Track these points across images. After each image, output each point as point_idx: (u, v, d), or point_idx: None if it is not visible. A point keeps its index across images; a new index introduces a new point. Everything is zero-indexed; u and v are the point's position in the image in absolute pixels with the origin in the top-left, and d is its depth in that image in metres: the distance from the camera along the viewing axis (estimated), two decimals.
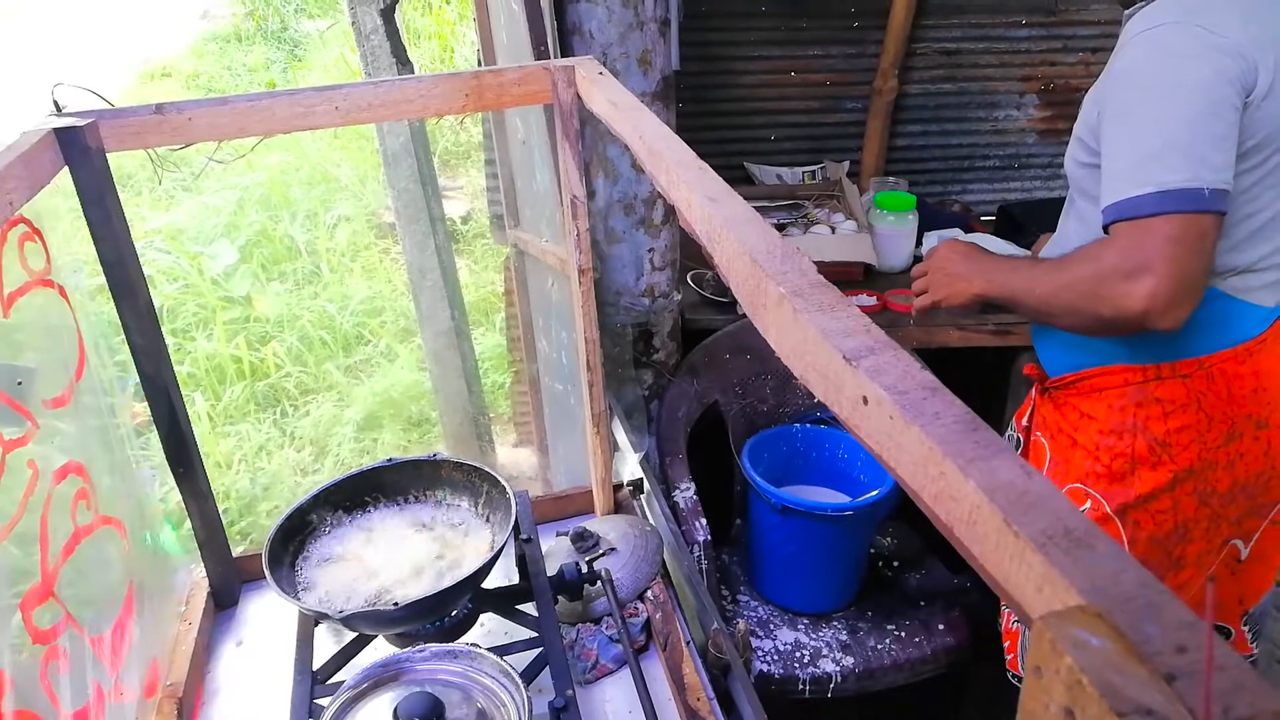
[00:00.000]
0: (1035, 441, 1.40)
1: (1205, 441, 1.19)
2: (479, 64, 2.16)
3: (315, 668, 1.03)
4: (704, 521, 1.64)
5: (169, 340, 1.09)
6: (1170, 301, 1.00)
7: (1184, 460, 1.20)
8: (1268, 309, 1.17)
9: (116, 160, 0.98)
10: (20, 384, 0.83)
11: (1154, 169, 1.00)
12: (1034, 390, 1.41)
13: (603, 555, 1.20)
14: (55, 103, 0.96)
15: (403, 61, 2.20)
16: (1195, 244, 1.00)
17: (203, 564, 1.21)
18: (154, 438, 1.13)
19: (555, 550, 1.26)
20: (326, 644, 1.10)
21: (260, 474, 3.06)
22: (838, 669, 1.66)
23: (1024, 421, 1.44)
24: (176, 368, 1.11)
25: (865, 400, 0.44)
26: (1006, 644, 1.50)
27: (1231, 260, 1.12)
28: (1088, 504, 1.27)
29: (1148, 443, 1.21)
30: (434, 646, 0.96)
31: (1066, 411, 1.31)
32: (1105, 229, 1.06)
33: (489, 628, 1.16)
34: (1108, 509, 1.25)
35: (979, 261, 1.25)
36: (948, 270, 1.27)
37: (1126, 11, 1.17)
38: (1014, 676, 1.48)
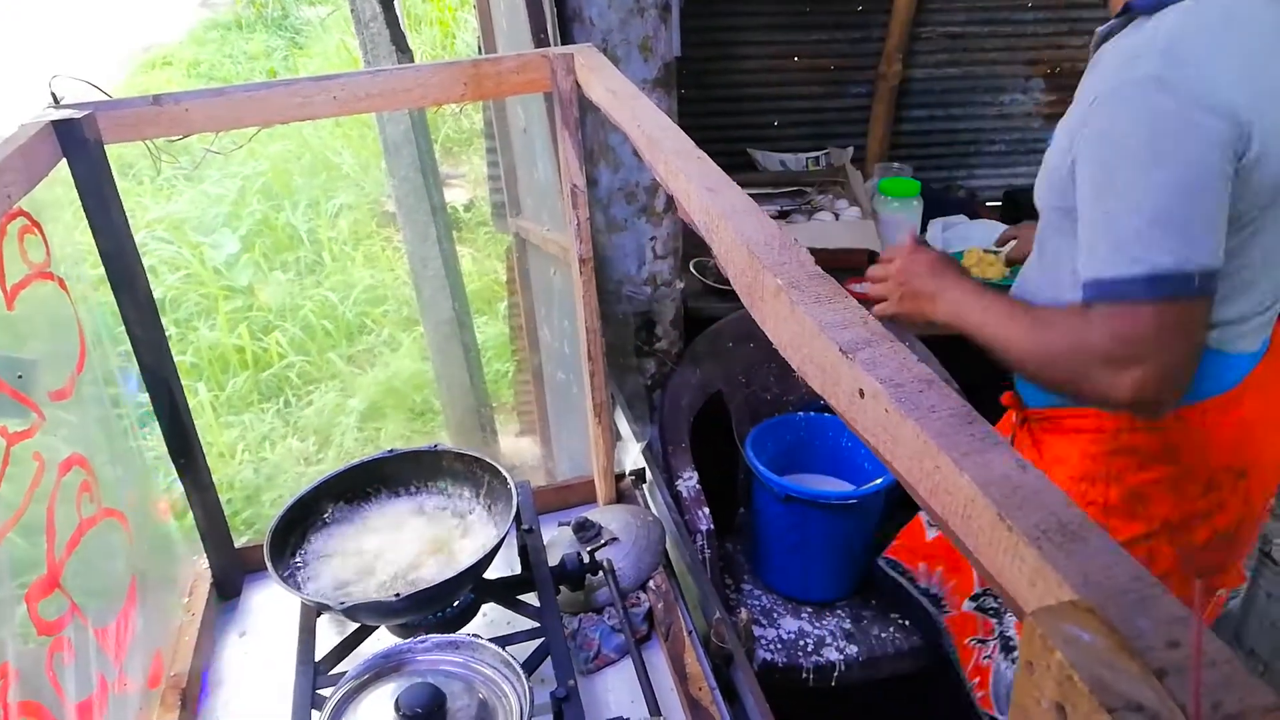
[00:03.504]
0: None
1: (1182, 493, 1.12)
2: (479, 51, 2.15)
3: (318, 658, 1.04)
4: (707, 511, 1.64)
5: (172, 330, 1.10)
6: (1159, 392, 0.94)
7: (1160, 513, 1.14)
8: (1248, 354, 1.10)
9: (117, 150, 0.98)
10: (20, 377, 0.83)
11: (1142, 249, 0.91)
12: (1012, 416, 1.30)
13: (605, 545, 1.20)
14: (53, 95, 0.96)
15: (402, 49, 2.19)
16: (1187, 332, 0.93)
17: (205, 555, 1.22)
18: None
19: (557, 540, 1.26)
20: (329, 635, 1.10)
21: (264, 464, 3.07)
22: (841, 658, 1.66)
23: None
24: (179, 358, 1.12)
25: (861, 393, 0.44)
26: (975, 682, 1.41)
27: (1215, 315, 1.01)
28: None
29: (1121, 493, 1.14)
30: (436, 637, 0.96)
31: (1042, 449, 1.23)
32: (1086, 302, 0.97)
33: (491, 618, 1.16)
34: None
35: (947, 285, 1.13)
36: (912, 286, 1.17)
37: (1100, 30, 1.05)
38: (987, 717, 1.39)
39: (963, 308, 1.10)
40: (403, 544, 1.11)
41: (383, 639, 1.09)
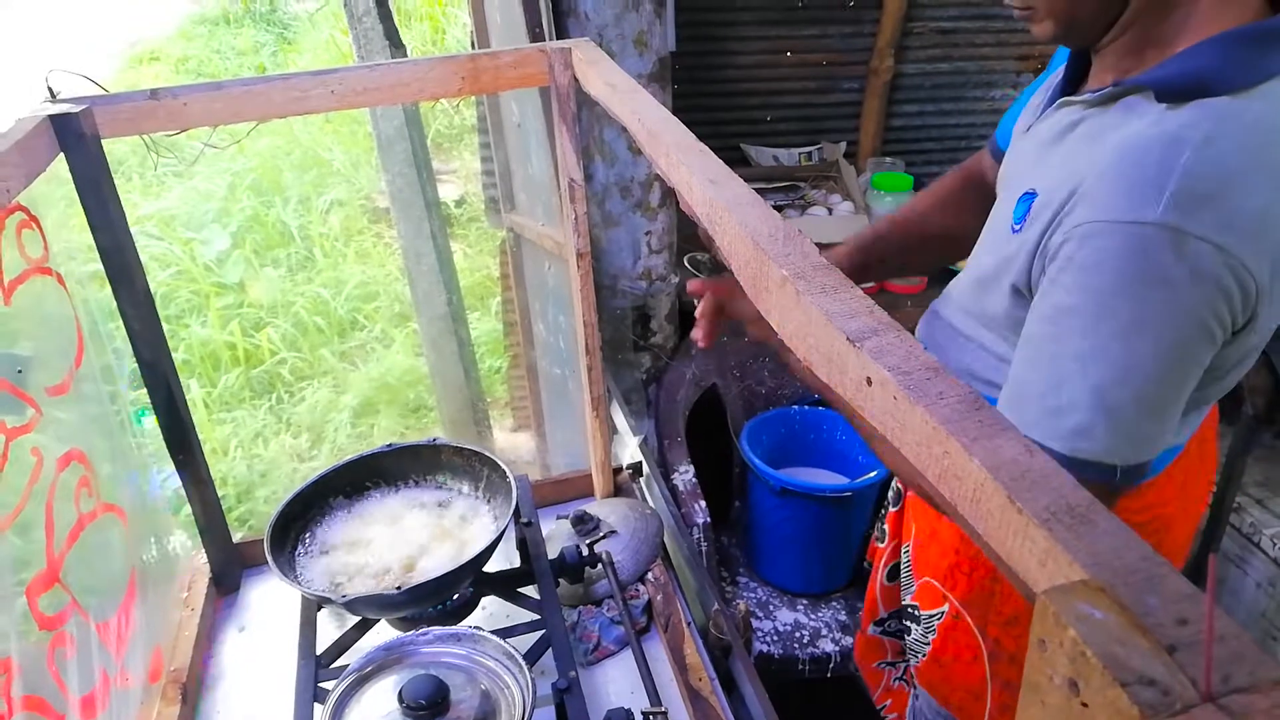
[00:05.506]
0: (906, 517, 1.23)
1: None
2: (472, 46, 2.15)
3: (319, 652, 1.04)
4: (703, 504, 1.65)
5: (163, 327, 1.10)
6: None
7: (1007, 610, 1.05)
8: (1175, 446, 0.97)
9: (107, 146, 0.98)
10: (20, 372, 0.83)
11: (1074, 426, 0.75)
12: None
13: (603, 538, 1.21)
14: (50, 89, 0.96)
15: (396, 44, 2.19)
16: None
17: (204, 550, 1.22)
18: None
19: (556, 533, 1.26)
20: (329, 628, 1.10)
21: (257, 460, 3.06)
22: (837, 649, 1.67)
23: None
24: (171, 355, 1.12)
25: (869, 381, 0.45)
26: (887, 704, 1.35)
27: (1166, 441, 0.83)
28: (944, 607, 1.12)
29: (970, 588, 1.08)
30: (438, 629, 0.96)
31: (920, 524, 1.18)
32: None
33: (491, 611, 1.17)
34: (968, 619, 1.09)
35: None
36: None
37: (1073, 97, 0.86)
38: None
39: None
40: (402, 537, 1.11)
41: (384, 632, 1.09)
